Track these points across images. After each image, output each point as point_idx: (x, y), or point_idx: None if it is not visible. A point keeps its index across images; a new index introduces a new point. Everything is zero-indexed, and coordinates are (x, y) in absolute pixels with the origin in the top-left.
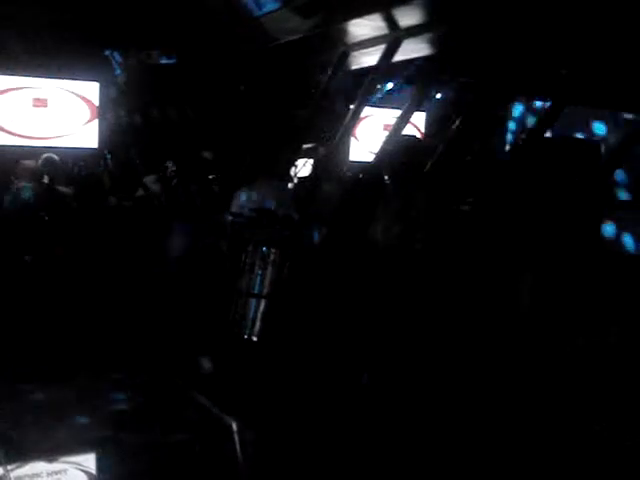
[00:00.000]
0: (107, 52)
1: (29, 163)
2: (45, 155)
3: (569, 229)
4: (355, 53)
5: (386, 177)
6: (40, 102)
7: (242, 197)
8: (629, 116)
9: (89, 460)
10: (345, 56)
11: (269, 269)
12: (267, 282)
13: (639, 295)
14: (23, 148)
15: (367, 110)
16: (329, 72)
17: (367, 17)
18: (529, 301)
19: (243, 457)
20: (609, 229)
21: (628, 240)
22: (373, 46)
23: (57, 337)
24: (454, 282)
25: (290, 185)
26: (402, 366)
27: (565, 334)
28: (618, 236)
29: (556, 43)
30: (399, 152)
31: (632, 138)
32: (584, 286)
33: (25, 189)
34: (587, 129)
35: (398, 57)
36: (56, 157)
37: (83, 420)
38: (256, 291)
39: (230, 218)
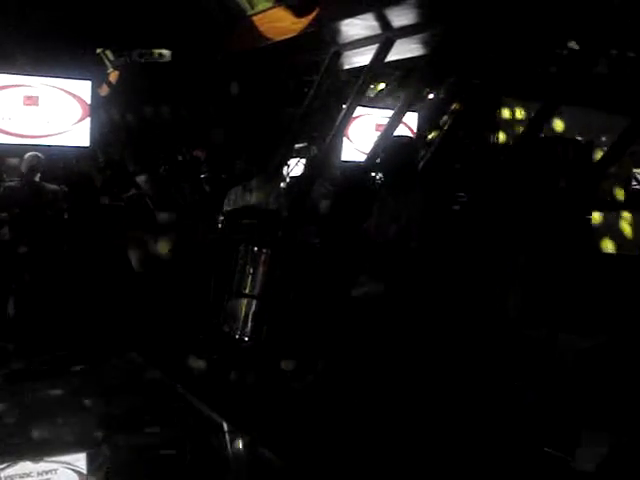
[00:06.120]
0: (99, 51)
1: (15, 161)
2: (30, 153)
3: (561, 228)
4: (347, 53)
5: (379, 176)
6: (31, 100)
7: (234, 196)
8: None
9: (79, 459)
10: (337, 56)
11: (260, 269)
12: (258, 282)
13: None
14: (13, 146)
15: (359, 110)
16: (321, 72)
17: (359, 17)
18: (520, 300)
19: (234, 458)
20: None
21: None
22: (365, 46)
23: (45, 334)
24: (448, 281)
25: (282, 185)
26: (396, 364)
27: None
28: None
29: (549, 43)
30: (394, 151)
31: (625, 138)
32: (574, 284)
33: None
34: None
35: (390, 57)
36: (41, 155)
37: (74, 419)
38: (247, 291)
39: (221, 218)
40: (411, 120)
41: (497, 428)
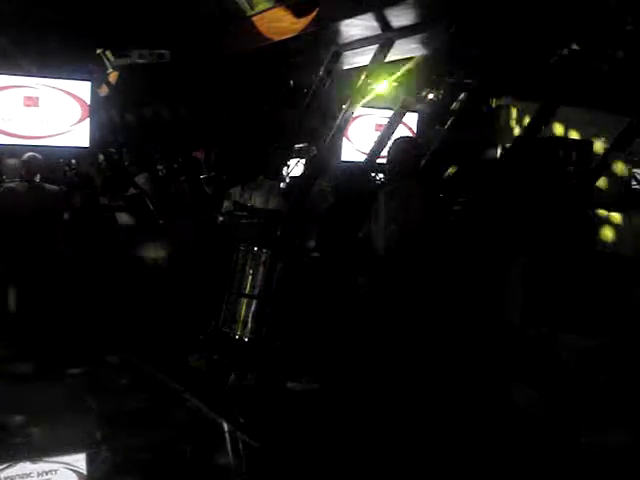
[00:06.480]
0: (99, 51)
1: (14, 162)
2: (29, 154)
3: (561, 227)
4: (347, 53)
5: (380, 176)
6: (31, 101)
7: (234, 197)
8: None
9: (79, 459)
10: (337, 56)
11: (260, 269)
12: (259, 282)
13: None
14: (13, 147)
15: (359, 110)
16: (321, 72)
17: (359, 17)
18: (520, 300)
19: (233, 458)
20: None
21: None
22: (365, 46)
23: (45, 334)
24: (447, 282)
25: (282, 185)
26: (396, 366)
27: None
28: None
29: (549, 43)
30: (395, 152)
31: (623, 137)
32: (575, 284)
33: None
34: None
35: (390, 57)
36: (39, 156)
37: (73, 419)
38: (247, 291)
39: (221, 218)
40: (411, 120)
41: (496, 427)
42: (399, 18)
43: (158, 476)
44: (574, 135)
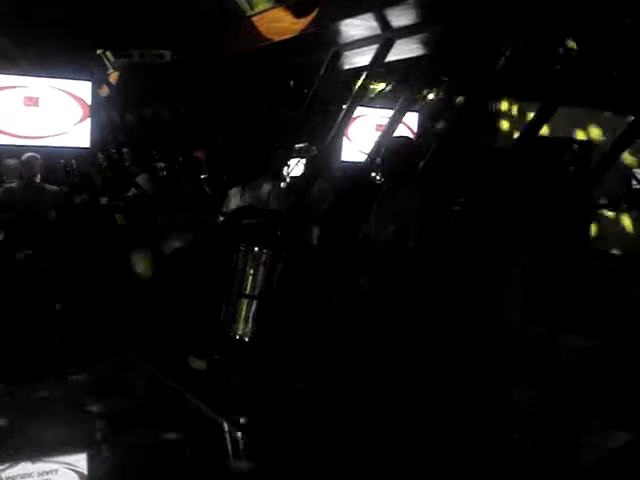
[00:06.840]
0: (99, 51)
1: (14, 162)
2: (29, 154)
3: (559, 229)
4: (347, 53)
5: (379, 176)
6: (31, 101)
7: (234, 197)
8: None
9: (79, 460)
10: (337, 56)
11: (261, 269)
12: (259, 282)
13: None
14: (13, 147)
15: (359, 110)
16: (321, 72)
17: (359, 17)
18: (520, 300)
19: (234, 458)
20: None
21: None
22: (365, 46)
23: (45, 334)
24: (447, 282)
25: (282, 185)
26: (396, 366)
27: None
28: None
29: (549, 43)
30: (393, 152)
31: (624, 139)
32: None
33: None
34: None
35: (391, 57)
36: (38, 156)
37: (74, 419)
38: (248, 291)
39: (222, 218)
40: (411, 120)
41: (496, 428)
42: (399, 18)
43: (158, 476)
44: (576, 135)
